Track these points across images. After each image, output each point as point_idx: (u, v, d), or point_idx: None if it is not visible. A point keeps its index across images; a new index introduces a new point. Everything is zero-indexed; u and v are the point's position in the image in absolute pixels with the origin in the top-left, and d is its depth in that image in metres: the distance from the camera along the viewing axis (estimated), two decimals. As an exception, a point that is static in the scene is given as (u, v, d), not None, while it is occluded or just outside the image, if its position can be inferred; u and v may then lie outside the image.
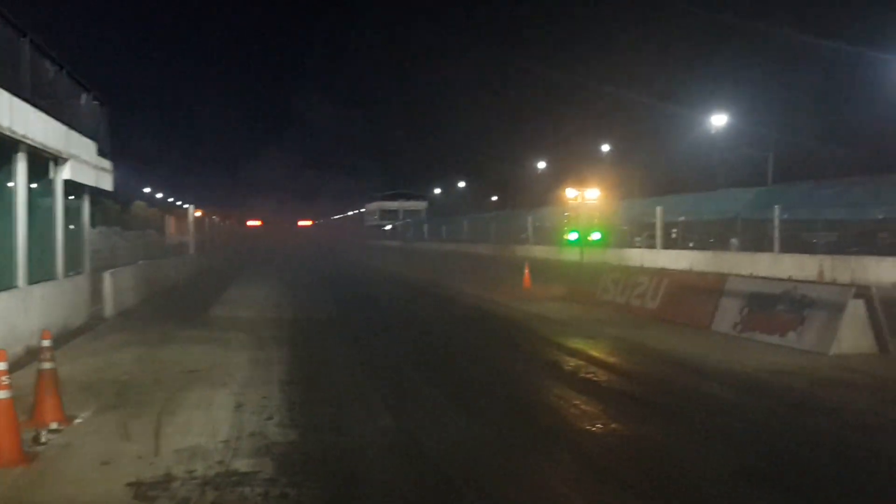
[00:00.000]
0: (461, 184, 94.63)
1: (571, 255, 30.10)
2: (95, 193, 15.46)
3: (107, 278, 15.18)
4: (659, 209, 37.73)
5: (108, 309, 15.01)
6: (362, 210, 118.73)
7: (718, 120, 52.70)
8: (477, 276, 28.53)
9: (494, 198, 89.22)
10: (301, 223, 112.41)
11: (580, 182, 29.08)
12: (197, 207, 37.27)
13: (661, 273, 16.66)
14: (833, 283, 19.51)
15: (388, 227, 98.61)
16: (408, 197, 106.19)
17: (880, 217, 29.57)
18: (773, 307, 12.03)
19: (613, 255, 37.04)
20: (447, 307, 18.25)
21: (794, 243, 32.36)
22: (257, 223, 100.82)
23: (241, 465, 5.95)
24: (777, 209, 30.31)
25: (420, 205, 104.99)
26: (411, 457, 6.18)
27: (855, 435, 6.73)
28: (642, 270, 17.94)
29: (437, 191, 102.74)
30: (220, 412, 7.54)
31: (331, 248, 66.51)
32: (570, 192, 22.03)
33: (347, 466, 5.94)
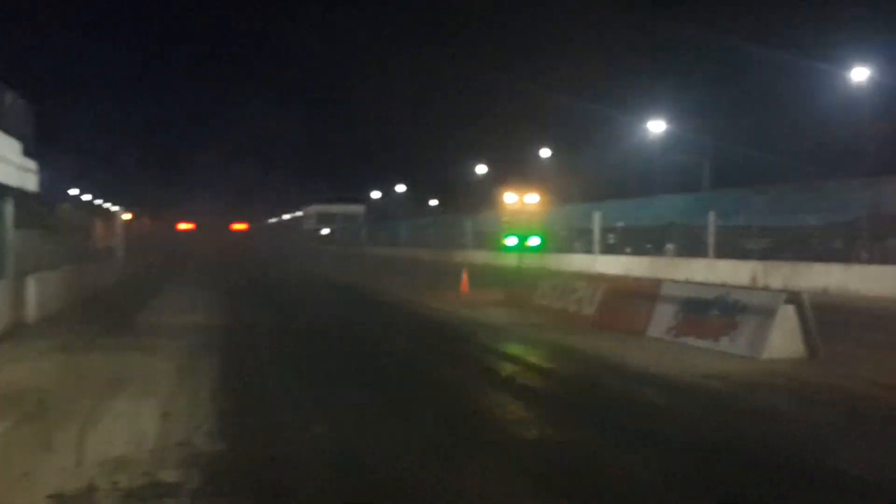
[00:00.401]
0: (400, 188, 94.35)
1: (510, 260, 30.23)
2: (20, 195, 14.94)
3: (30, 283, 14.66)
4: (597, 215, 38.25)
5: (32, 315, 14.50)
6: (299, 214, 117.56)
7: (656, 126, 53.56)
8: (415, 282, 28.44)
9: (434, 202, 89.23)
10: (235, 226, 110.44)
11: (520, 187, 29.22)
12: (126, 210, 36.42)
13: (599, 279, 16.80)
14: (765, 288, 19.96)
15: (326, 231, 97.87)
16: (346, 200, 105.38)
17: (812, 223, 30.38)
18: (706, 312, 12.19)
19: (552, 261, 37.38)
20: (384, 313, 18.11)
21: (729, 249, 33.08)
22: (190, 226, 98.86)
23: (167, 475, 5.76)
24: (712, 215, 30.97)
25: (358, 209, 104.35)
26: (344, 466, 6.06)
27: (781, 439, 6.81)
28: (580, 276, 18.08)
29: (376, 194, 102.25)
30: (147, 422, 7.31)
31: (266, 252, 65.68)
32: (509, 197, 22.09)
33: (278, 476, 5.79)
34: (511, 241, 22.18)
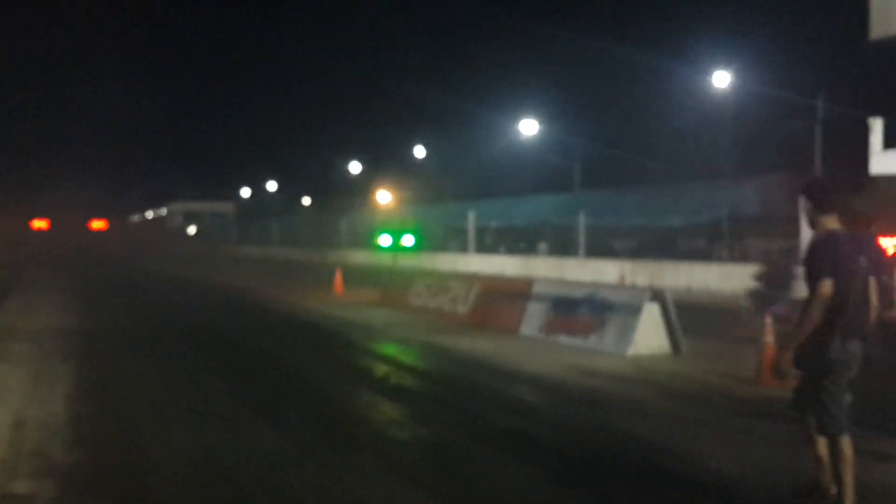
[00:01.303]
0: (271, 185, 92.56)
1: (385, 259, 30.17)
2: None
3: None
4: (471, 214, 38.70)
5: None
6: (164, 211, 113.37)
7: (528, 127, 54.60)
8: (287, 282, 27.99)
9: (307, 201, 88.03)
10: (94, 224, 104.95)
11: (394, 186, 29.23)
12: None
13: (472, 278, 16.98)
14: (632, 286, 20.67)
15: (193, 229, 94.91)
16: (214, 198, 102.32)
17: (677, 224, 31.73)
18: (576, 310, 12.51)
19: (427, 260, 37.57)
20: (255, 314, 17.70)
21: (599, 248, 34.16)
22: (43, 224, 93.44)
23: (20, 487, 5.43)
24: (582, 215, 31.86)
25: (227, 206, 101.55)
26: (210, 473, 5.84)
27: (646, 431, 7.03)
28: (454, 275, 18.22)
29: (246, 192, 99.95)
30: (-4, 431, 6.85)
31: (128, 252, 63.08)
32: (383, 196, 22.03)
33: (140, 485, 5.54)
34: (385, 240, 22.15)
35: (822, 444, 4.93)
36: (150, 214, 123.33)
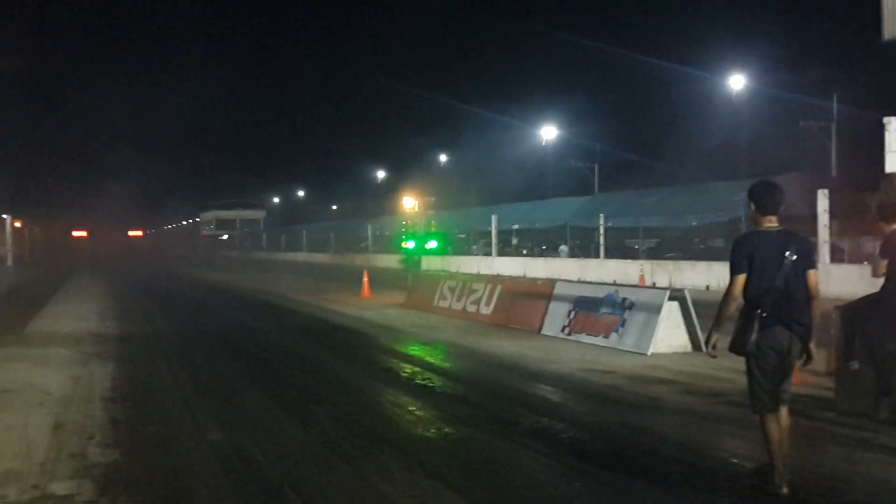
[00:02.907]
0: (300, 192, 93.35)
1: (410, 263, 30.41)
2: None
3: None
4: (494, 217, 38.86)
5: None
6: (197, 219, 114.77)
7: (548, 132, 54.66)
8: (316, 286, 28.33)
9: (334, 207, 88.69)
10: (131, 233, 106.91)
11: (418, 191, 29.47)
12: (16, 217, 34.94)
13: (495, 280, 17.15)
14: (651, 286, 20.74)
15: (225, 236, 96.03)
16: (245, 206, 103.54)
17: (694, 224, 31.74)
18: (597, 310, 12.66)
19: (452, 263, 37.81)
20: (284, 317, 18.00)
21: (618, 249, 34.25)
22: (83, 234, 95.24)
23: (59, 488, 5.65)
24: (602, 217, 31.92)
25: (258, 214, 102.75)
26: (243, 472, 6.06)
27: (668, 429, 7.17)
28: (478, 277, 18.41)
29: (276, 199, 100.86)
30: (36, 433, 7.13)
31: (163, 259, 63.93)
32: (408, 202, 22.30)
33: (174, 485, 5.76)
34: (410, 244, 22.38)
35: (773, 428, 5.33)
36: (184, 223, 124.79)
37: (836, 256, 23.39)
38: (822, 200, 21.69)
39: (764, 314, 5.20)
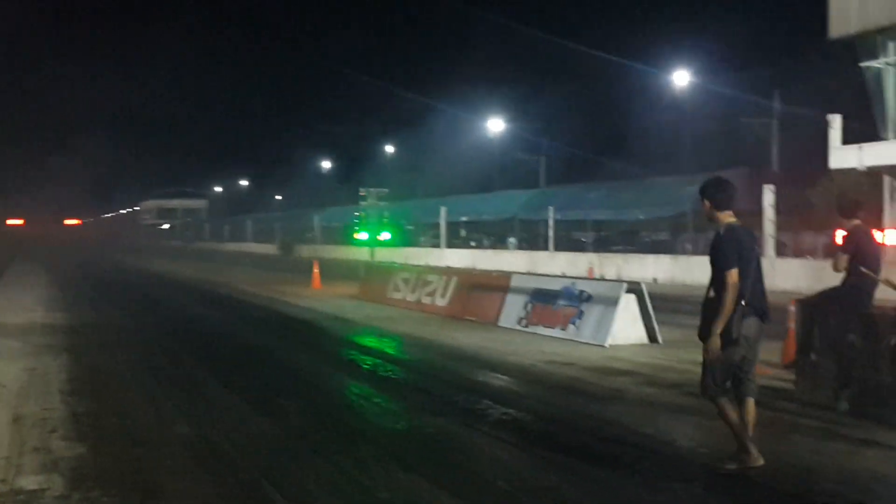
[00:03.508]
0: (243, 182, 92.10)
1: (360, 254, 30.31)
2: None
3: None
4: (443, 209, 38.94)
5: None
6: (137, 208, 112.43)
7: (495, 125, 54.89)
8: (264, 277, 28.07)
9: (279, 196, 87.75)
10: (68, 222, 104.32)
11: (365, 182, 29.36)
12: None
13: (451, 272, 17.20)
14: (607, 279, 21.03)
15: (166, 226, 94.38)
16: (186, 195, 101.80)
17: (641, 218, 32.28)
18: (554, 302, 12.79)
19: (400, 254, 37.75)
20: (236, 309, 17.79)
21: (566, 242, 34.61)
22: (19, 222, 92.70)
23: (27, 482, 5.51)
24: (551, 210, 32.23)
25: (200, 203, 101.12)
26: (213, 464, 5.99)
27: (627, 418, 7.29)
28: (433, 269, 18.44)
29: (218, 189, 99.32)
30: (-5, 428, 6.94)
31: (104, 249, 62.52)
32: (363, 191, 22.22)
33: (146, 477, 5.67)
34: (362, 235, 22.30)
35: (730, 409, 5.54)
36: (123, 212, 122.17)
37: (781, 251, 24.01)
38: (768, 195, 22.25)
39: (746, 305, 5.39)
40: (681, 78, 42.16)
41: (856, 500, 4.97)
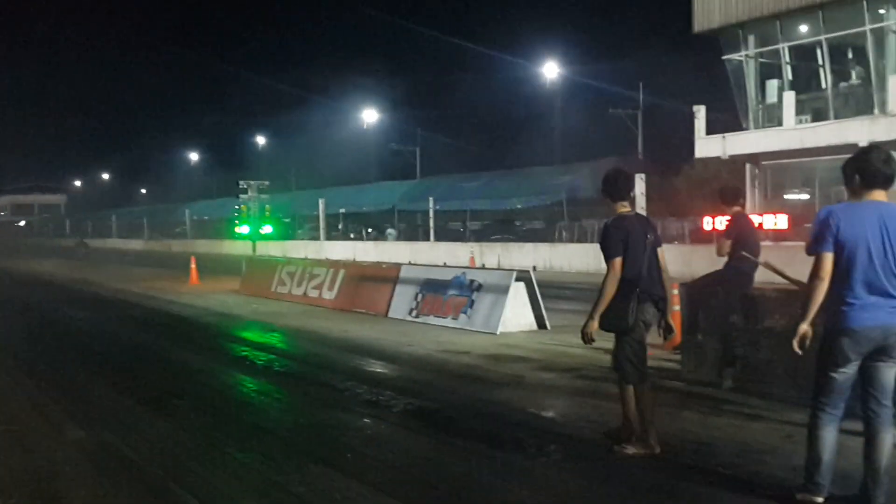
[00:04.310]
0: (105, 175, 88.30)
1: (236, 248, 29.68)
2: None
3: None
4: (321, 201, 38.56)
5: None
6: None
7: (369, 116, 54.76)
8: (134, 274, 27.08)
9: (143, 190, 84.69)
10: None
11: (238, 175, 28.74)
12: None
13: (338, 264, 17.11)
14: (497, 268, 21.39)
15: (22, 223, 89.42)
16: (43, 190, 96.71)
17: (519, 207, 33.01)
18: (444, 292, 12.95)
19: (279, 248, 37.15)
20: (110, 308, 17.08)
21: (446, 232, 35.00)
22: None
23: (-85, 503, 5.18)
24: (431, 200, 32.49)
25: (58, 198, 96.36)
26: (116, 468, 5.79)
27: (523, 402, 7.52)
28: (319, 262, 18.28)
29: (78, 183, 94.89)
30: None
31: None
32: (243, 184, 21.74)
33: (46, 486, 5.42)
34: (244, 229, 21.84)
35: (629, 393, 5.79)
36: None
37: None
38: (639, 184, 23.13)
39: (639, 292, 5.63)
40: (550, 70, 43.32)
41: (753, 471, 5.30)
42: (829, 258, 4.39)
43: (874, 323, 4.33)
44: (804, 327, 4.45)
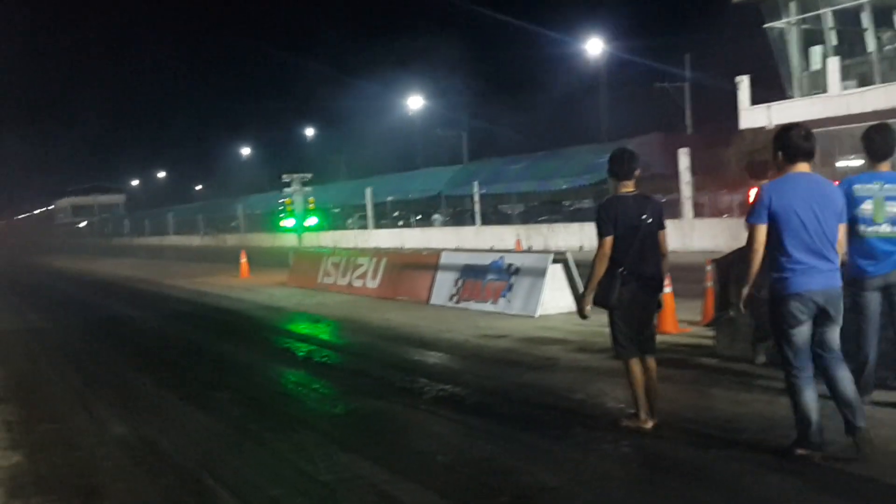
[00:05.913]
0: (161, 173, 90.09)
1: (288, 240, 30.06)
2: None
3: None
4: (368, 190, 38.85)
5: None
6: (51, 207, 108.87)
7: (415, 102, 54.78)
8: (189, 269, 27.64)
9: (199, 187, 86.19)
10: None
11: (288, 167, 29.06)
12: None
13: (380, 253, 17.27)
14: (533, 250, 21.38)
15: (83, 224, 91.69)
16: (103, 190, 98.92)
17: (564, 187, 32.78)
18: (484, 277, 12.99)
19: (328, 238, 37.58)
20: (163, 304, 17.52)
21: (492, 216, 34.96)
22: None
23: (-37, 495, 5.44)
24: (476, 185, 32.48)
25: (117, 198, 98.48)
26: (155, 463, 5.98)
27: (563, 384, 7.53)
28: (362, 252, 18.48)
29: (136, 182, 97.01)
30: (-77, 441, 6.78)
31: (19, 251, 60.45)
32: (286, 178, 22.01)
33: (87, 481, 5.64)
34: (289, 222, 22.12)
35: (628, 367, 5.92)
36: (37, 212, 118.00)
37: (698, 211, 24.73)
38: (684, 159, 22.84)
39: (625, 272, 5.72)
40: (594, 46, 42.79)
41: (777, 445, 5.25)
42: (762, 229, 4.86)
43: (817, 287, 4.80)
44: (746, 291, 5.06)
